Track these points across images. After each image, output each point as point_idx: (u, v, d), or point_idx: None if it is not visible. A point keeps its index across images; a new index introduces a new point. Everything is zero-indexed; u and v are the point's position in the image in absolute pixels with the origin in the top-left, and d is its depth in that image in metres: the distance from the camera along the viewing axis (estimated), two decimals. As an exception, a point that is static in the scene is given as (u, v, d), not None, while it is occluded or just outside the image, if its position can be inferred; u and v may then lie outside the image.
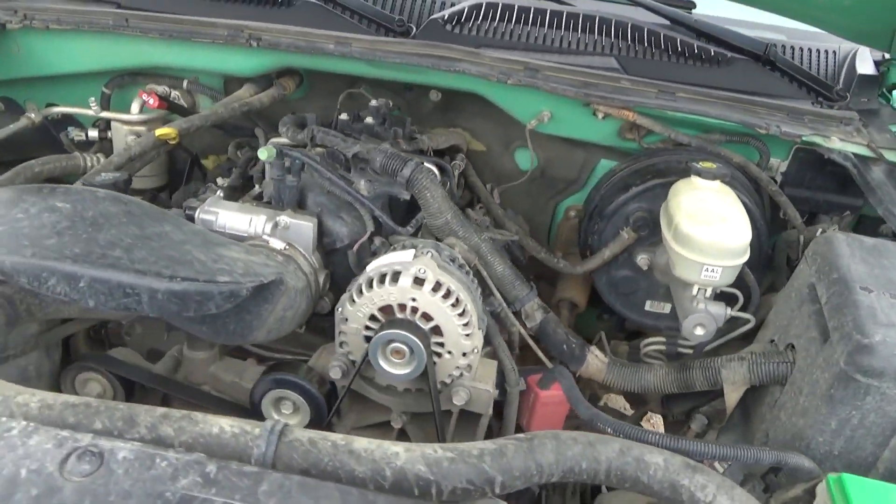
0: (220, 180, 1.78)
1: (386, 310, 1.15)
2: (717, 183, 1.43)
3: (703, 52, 1.69)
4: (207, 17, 1.72)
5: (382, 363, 1.13)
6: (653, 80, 1.61)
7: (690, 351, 1.52)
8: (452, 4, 1.82)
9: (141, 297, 0.94)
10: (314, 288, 1.25)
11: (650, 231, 1.57)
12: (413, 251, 1.20)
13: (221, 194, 1.34)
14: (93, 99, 1.84)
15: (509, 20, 1.77)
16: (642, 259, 1.58)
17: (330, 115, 1.71)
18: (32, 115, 1.81)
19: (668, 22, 1.76)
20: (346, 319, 1.17)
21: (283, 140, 1.66)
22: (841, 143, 1.52)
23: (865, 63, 1.77)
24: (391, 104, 1.73)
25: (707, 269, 1.32)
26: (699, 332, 1.36)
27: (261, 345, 1.38)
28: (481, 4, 1.76)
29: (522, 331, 1.39)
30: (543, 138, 1.78)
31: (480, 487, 0.83)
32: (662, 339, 1.55)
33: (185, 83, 1.89)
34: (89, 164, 1.70)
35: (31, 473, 0.66)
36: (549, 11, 1.78)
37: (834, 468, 1.12)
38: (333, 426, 1.25)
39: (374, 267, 1.17)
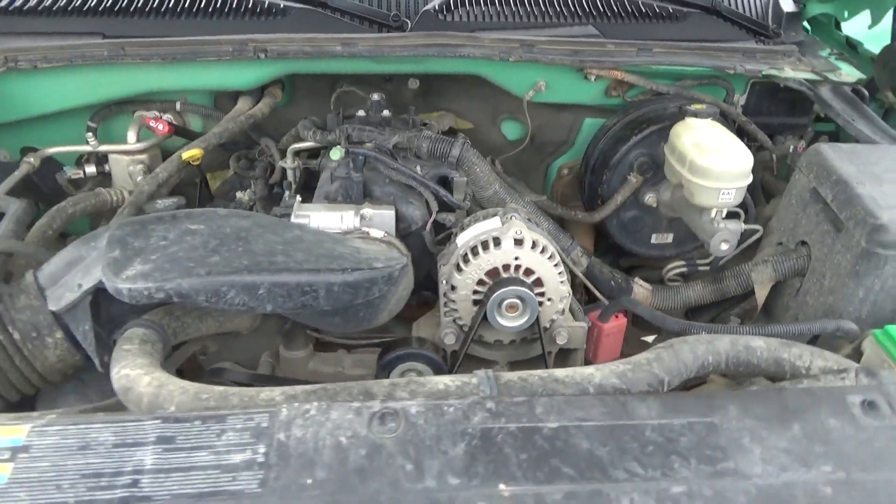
0: (240, 194, 1.83)
1: (491, 273, 1.29)
2: (710, 120, 1.67)
3: (662, 10, 1.92)
4: (200, 35, 1.75)
5: (499, 319, 1.28)
6: (630, 41, 1.82)
7: (707, 268, 1.77)
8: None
9: (318, 293, 1.03)
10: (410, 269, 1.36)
11: (653, 173, 1.79)
12: (497, 218, 1.34)
13: (299, 199, 1.41)
14: (90, 133, 1.82)
15: (492, 3, 1.92)
16: (650, 198, 1.81)
17: (317, 116, 1.80)
18: (31, 160, 1.76)
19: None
20: (454, 288, 1.30)
21: (307, 144, 1.74)
22: (793, 73, 1.81)
23: (787, 1, 2.07)
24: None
25: (724, 193, 1.56)
26: (724, 247, 1.59)
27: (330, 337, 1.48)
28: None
29: (579, 274, 1.57)
30: (533, 107, 1.96)
31: (655, 388, 1.00)
32: (682, 262, 1.79)
33: (177, 105, 1.90)
34: (114, 199, 1.70)
35: (351, 440, 0.77)
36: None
37: (863, 330, 1.39)
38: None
39: (471, 237, 1.31)
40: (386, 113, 1.74)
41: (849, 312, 1.39)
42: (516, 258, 1.28)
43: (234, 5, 1.84)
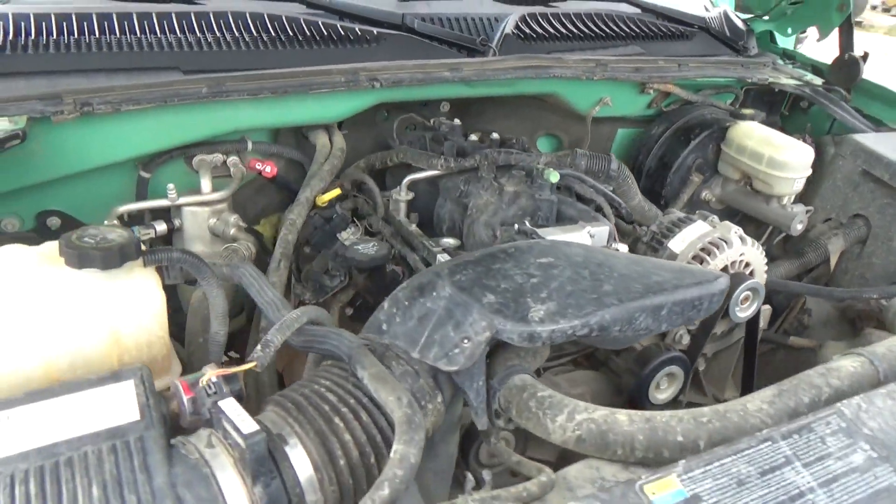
0: (344, 234, 1.70)
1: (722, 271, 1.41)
2: (756, 122, 1.97)
3: (677, 31, 2.19)
4: (286, 67, 1.60)
5: (738, 312, 1.40)
6: (671, 57, 2.05)
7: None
8: (496, 19, 1.98)
9: (702, 305, 1.07)
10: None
11: (709, 172, 2.04)
12: (702, 223, 1.47)
13: (529, 225, 1.39)
14: (171, 185, 1.55)
15: (561, 25, 2.02)
16: (706, 194, 2.06)
17: (359, 141, 1.81)
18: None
19: (639, 10, 2.21)
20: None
21: (431, 173, 1.68)
22: (786, 80, 2.19)
23: (737, 19, 2.48)
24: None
25: (797, 182, 1.86)
26: (800, 226, 1.89)
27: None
28: (534, 15, 1.97)
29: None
30: (574, 121, 2.10)
31: None
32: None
33: (249, 145, 1.70)
34: (247, 254, 1.48)
35: None
36: (580, 14, 2.08)
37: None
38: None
39: (688, 242, 1.41)
40: (473, 137, 1.77)
41: (919, 265, 1.76)
42: (742, 254, 1.42)
43: (320, 34, 1.70)
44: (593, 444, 0.91)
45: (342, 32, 1.71)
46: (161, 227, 1.58)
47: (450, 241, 1.61)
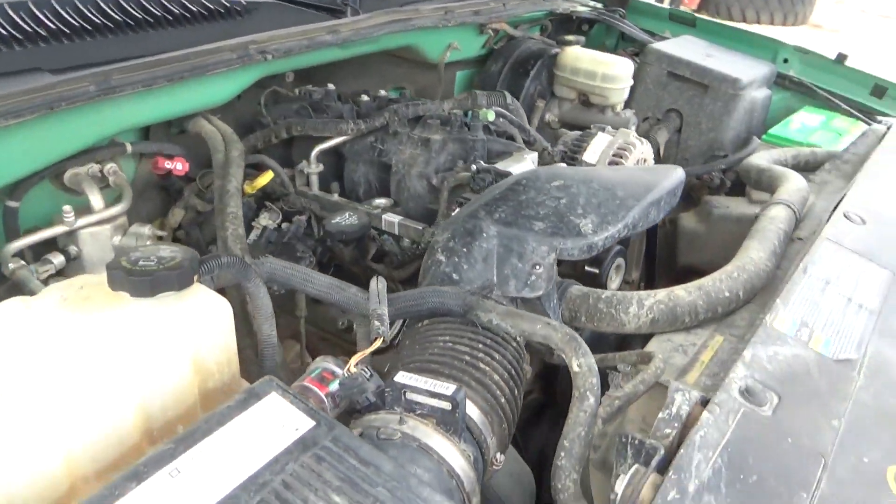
0: (262, 220, 1.62)
1: (629, 170, 1.64)
2: (579, 46, 2.24)
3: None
4: (168, 50, 1.44)
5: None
6: (495, -1, 2.22)
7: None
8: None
9: (676, 192, 1.26)
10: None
11: (548, 96, 2.28)
12: (601, 133, 1.68)
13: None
14: (67, 207, 1.33)
15: None
16: (548, 116, 2.30)
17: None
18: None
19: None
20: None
21: (341, 139, 1.65)
22: (581, 7, 2.50)
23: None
24: None
25: (626, 90, 2.17)
26: (633, 126, 2.22)
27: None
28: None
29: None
30: (420, 71, 2.18)
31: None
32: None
33: (128, 147, 1.50)
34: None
35: None
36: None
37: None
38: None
39: (605, 149, 1.61)
40: (383, 93, 1.78)
41: (727, 141, 2.19)
42: (643, 152, 1.65)
43: (189, 12, 1.53)
44: (665, 320, 1.05)
45: (212, 7, 1.55)
46: (59, 259, 1.35)
47: (382, 201, 1.62)
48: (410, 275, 1.44)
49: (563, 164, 1.35)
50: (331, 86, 1.85)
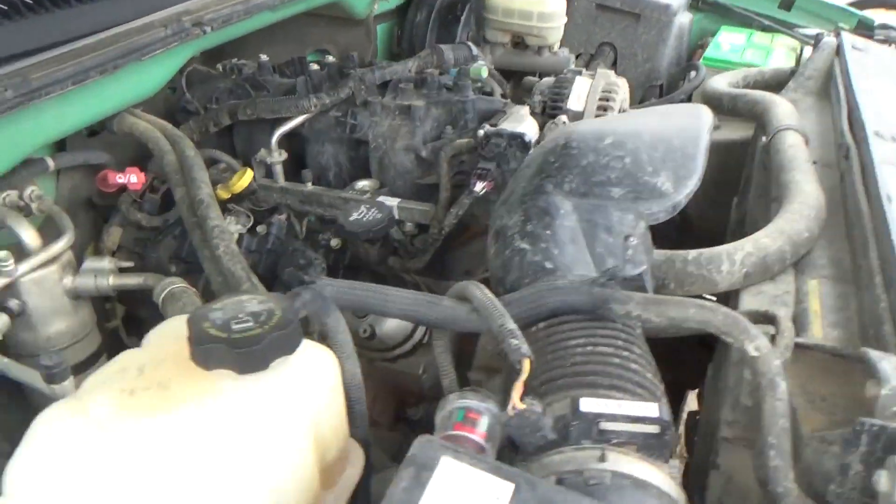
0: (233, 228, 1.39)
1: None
2: None
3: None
4: (77, 36, 1.14)
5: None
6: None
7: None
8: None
9: (711, 127, 1.19)
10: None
11: (480, 41, 2.13)
12: (579, 77, 1.57)
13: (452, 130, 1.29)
14: (6, 253, 1.03)
15: None
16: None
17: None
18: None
19: None
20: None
21: (302, 117, 1.43)
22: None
23: None
24: None
25: (561, 28, 2.08)
26: (573, 65, 2.14)
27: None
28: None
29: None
30: (345, 29, 1.96)
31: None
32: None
33: (50, 164, 1.20)
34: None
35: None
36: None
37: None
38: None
39: (589, 93, 1.52)
40: (330, 58, 1.57)
41: (663, 68, 2.17)
42: (625, 91, 1.57)
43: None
44: (758, 273, 0.99)
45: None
46: (3, 318, 1.06)
47: (366, 183, 1.43)
48: (427, 264, 1.29)
49: (591, 120, 1.24)
50: (264, 57, 1.59)
